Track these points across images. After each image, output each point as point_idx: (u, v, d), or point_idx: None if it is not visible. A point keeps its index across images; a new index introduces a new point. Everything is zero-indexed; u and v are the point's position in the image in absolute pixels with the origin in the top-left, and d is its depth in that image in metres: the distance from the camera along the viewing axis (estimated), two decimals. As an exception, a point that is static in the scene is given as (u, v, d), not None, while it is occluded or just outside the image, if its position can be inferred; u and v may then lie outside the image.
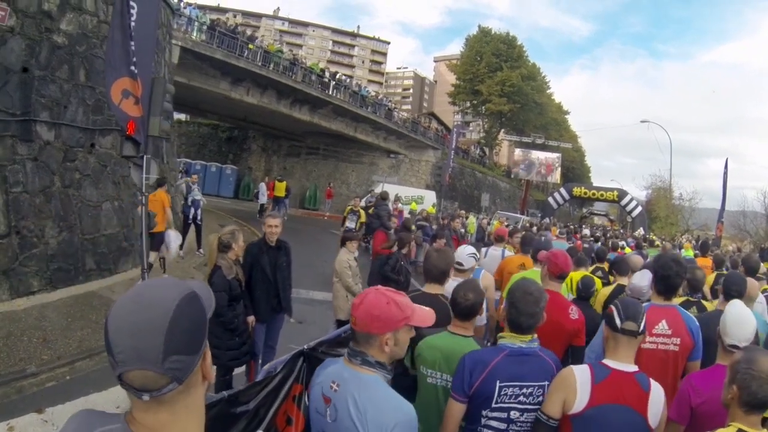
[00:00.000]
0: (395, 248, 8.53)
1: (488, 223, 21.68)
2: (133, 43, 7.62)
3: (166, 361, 1.14)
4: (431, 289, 4.30)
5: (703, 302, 5.29)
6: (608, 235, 23.13)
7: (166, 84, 9.31)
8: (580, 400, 2.69)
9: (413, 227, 13.14)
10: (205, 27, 23.47)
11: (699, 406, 2.99)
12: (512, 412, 2.91)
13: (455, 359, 3.11)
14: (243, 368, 6.20)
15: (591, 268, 8.29)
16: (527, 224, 24.94)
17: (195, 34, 23.00)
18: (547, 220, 36.27)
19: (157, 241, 11.51)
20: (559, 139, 62.18)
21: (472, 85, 59.09)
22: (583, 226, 32.22)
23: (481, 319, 4.35)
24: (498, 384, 2.88)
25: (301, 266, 14.07)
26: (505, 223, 23.54)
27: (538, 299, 3.05)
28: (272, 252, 6.63)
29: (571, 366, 2.88)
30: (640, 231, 31.74)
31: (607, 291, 6.15)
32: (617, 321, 2.81)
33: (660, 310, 3.82)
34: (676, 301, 4.22)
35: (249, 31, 33.57)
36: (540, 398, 2.92)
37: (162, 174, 14.02)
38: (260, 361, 6.37)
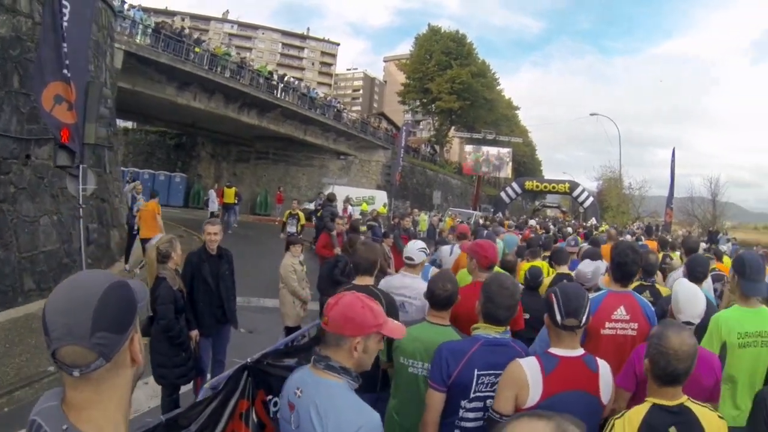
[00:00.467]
0: (338, 250, 8.45)
1: (439, 221, 21.58)
2: (65, 44, 7.46)
3: (93, 337, 1.23)
4: (362, 281, 4.40)
5: (657, 286, 5.56)
6: (557, 226, 23.37)
7: (102, 88, 8.90)
8: (534, 394, 2.67)
9: (363, 228, 13.01)
10: (149, 30, 22.87)
11: (643, 373, 2.96)
12: (488, 401, 2.93)
13: (435, 348, 3.18)
14: (190, 385, 5.87)
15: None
16: (480, 219, 25.02)
17: (139, 37, 22.34)
18: (499, 214, 36.50)
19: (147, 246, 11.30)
20: (510, 134, 62.60)
21: (421, 84, 59.15)
22: (531, 218, 32.54)
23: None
24: (476, 372, 2.95)
25: (251, 273, 13.86)
26: (458, 219, 23.61)
27: (513, 292, 3.19)
28: (213, 261, 6.32)
29: (517, 359, 2.83)
30: (593, 221, 32.12)
31: (547, 281, 6.22)
32: (558, 318, 2.80)
33: (618, 297, 3.88)
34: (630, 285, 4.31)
35: (196, 35, 32.91)
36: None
37: (101, 185, 13.57)
38: (208, 378, 6.00)
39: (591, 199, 46.21)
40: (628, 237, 16.44)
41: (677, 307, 3.41)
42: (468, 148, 55.70)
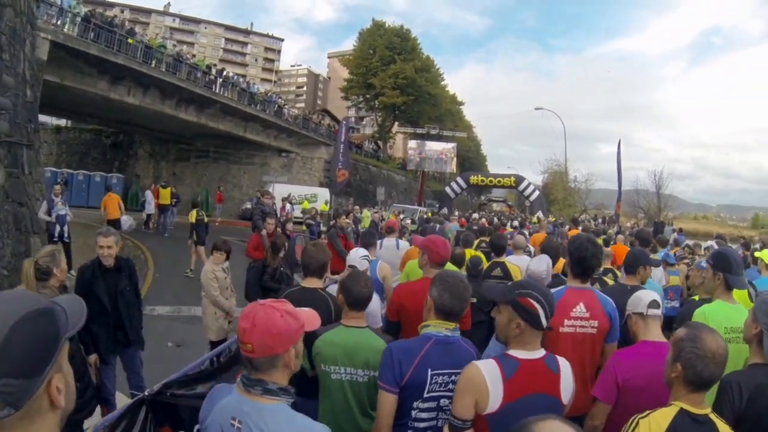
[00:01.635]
0: (269, 253, 8.00)
1: (381, 218, 20.90)
2: None
3: None
4: (310, 283, 4.26)
5: (605, 279, 5.82)
6: (500, 218, 24.44)
7: (2, 76, 7.94)
8: (494, 399, 2.52)
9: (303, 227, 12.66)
10: (78, 19, 21.31)
11: (625, 381, 2.99)
12: (442, 400, 2.87)
13: (356, 352, 3.19)
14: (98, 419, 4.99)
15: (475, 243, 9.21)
16: (424, 215, 24.85)
17: (68, 26, 20.81)
18: (444, 209, 36.40)
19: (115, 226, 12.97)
20: (455, 129, 62.78)
21: (365, 79, 58.79)
22: (477, 213, 32.77)
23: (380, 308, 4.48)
24: (430, 372, 2.83)
25: (184, 280, 13.31)
26: (401, 216, 23.35)
27: (467, 286, 3.06)
28: (110, 276, 5.51)
29: (475, 363, 2.67)
30: (539, 214, 32.35)
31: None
32: (544, 322, 2.62)
33: (577, 293, 3.79)
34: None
35: (136, 28, 31.53)
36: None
37: (19, 187, 12.56)
38: (118, 406, 5.37)
39: (537, 192, 46.68)
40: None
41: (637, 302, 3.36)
42: (412, 143, 55.53)
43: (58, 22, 20.44)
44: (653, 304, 3.39)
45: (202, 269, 7.37)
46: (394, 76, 56.11)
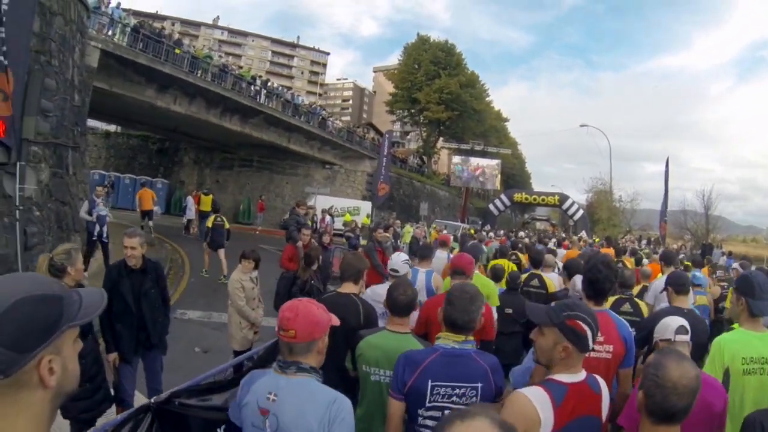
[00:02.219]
0: (301, 265, 7.88)
1: (424, 235, 19.96)
2: (2, 28, 6.80)
3: None
4: (346, 288, 4.56)
5: (636, 300, 5.80)
6: (541, 237, 24.15)
7: (44, 79, 8.22)
8: (545, 428, 2.45)
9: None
10: (128, 29, 21.90)
11: None
12: (446, 412, 2.84)
13: (395, 356, 3.19)
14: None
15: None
16: (467, 231, 24.52)
17: (117, 36, 21.42)
18: (488, 227, 35.93)
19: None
20: (499, 146, 62.23)
21: (409, 94, 58.50)
22: (521, 231, 32.34)
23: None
24: (430, 383, 2.92)
25: (219, 286, 13.16)
26: (444, 232, 23.05)
27: (473, 298, 3.13)
28: (135, 277, 5.52)
29: (522, 392, 2.58)
30: (583, 234, 31.70)
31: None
32: (590, 344, 2.64)
33: None
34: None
35: (186, 40, 32.06)
36: (473, 399, 2.92)
37: (62, 187, 12.92)
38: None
39: (581, 212, 45.87)
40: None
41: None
42: (456, 159, 55.10)
43: (109, 32, 20.94)
44: (681, 330, 3.35)
45: (230, 278, 7.20)
46: (438, 91, 55.70)
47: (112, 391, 5.25)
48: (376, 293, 5.19)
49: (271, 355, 4.16)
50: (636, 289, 6.80)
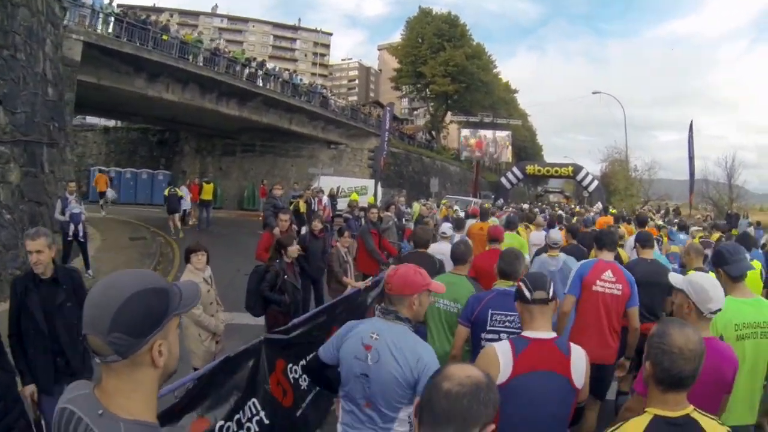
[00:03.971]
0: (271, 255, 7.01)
1: (433, 212, 18.61)
2: None
3: (110, 335, 1.39)
4: (421, 250, 6.68)
5: (619, 250, 7.45)
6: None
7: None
8: (504, 372, 2.88)
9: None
10: (111, 18, 21.25)
11: None
12: (502, 334, 3.88)
13: (454, 289, 4.74)
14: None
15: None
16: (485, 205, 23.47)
17: (100, 26, 20.82)
18: (501, 201, 34.81)
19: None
20: (509, 118, 60.74)
21: (414, 68, 57.27)
22: (533, 204, 31.28)
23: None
24: (490, 312, 4.04)
25: (221, 284, 12.31)
26: (455, 208, 21.95)
27: (518, 257, 4.42)
28: (45, 289, 4.47)
29: (492, 344, 3.11)
30: (599, 205, 30.47)
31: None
32: (527, 294, 3.06)
33: (605, 263, 5.08)
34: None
35: (184, 30, 31.02)
36: (519, 324, 3.40)
37: (37, 186, 12.30)
38: None
39: (596, 182, 44.49)
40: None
41: (706, 297, 3.13)
42: (465, 132, 53.78)
43: (91, 23, 20.37)
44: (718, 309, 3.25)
45: (180, 281, 5.97)
46: (444, 64, 54.44)
47: None
48: (435, 250, 7.30)
49: (218, 377, 4.07)
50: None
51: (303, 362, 5.16)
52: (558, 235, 7.39)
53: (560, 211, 22.31)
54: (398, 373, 2.92)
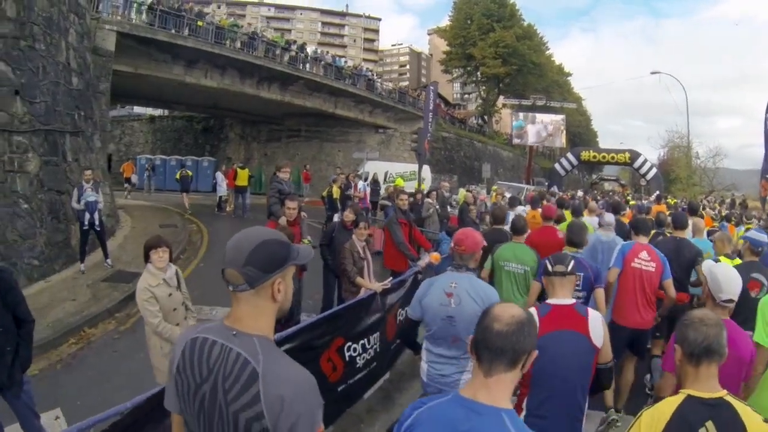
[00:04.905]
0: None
1: (474, 199, 16.96)
2: None
3: (244, 268, 1.80)
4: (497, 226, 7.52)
5: (666, 232, 7.88)
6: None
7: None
8: None
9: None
10: (144, 8, 21.10)
11: None
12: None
13: (517, 255, 5.95)
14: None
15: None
16: (533, 193, 22.04)
17: (134, 16, 20.81)
18: (554, 188, 33.19)
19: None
20: (562, 101, 58.66)
21: (463, 50, 56.08)
22: (587, 192, 29.55)
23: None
24: None
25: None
26: (507, 194, 20.61)
27: (582, 228, 5.66)
28: None
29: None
30: (656, 194, 28.51)
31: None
32: (549, 267, 3.65)
33: (641, 245, 5.89)
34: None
35: (231, 19, 30.52)
36: (579, 283, 5.03)
37: (58, 175, 12.21)
38: None
39: (654, 170, 42.03)
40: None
41: (717, 287, 3.56)
42: (518, 115, 51.92)
43: (125, 14, 20.58)
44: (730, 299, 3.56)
45: (137, 286, 5.07)
46: (494, 45, 53.12)
47: None
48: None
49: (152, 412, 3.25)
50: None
51: (364, 341, 5.79)
52: (611, 218, 7.83)
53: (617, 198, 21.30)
54: (477, 310, 3.51)
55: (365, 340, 5.82)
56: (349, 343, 5.53)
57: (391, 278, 6.99)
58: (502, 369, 1.89)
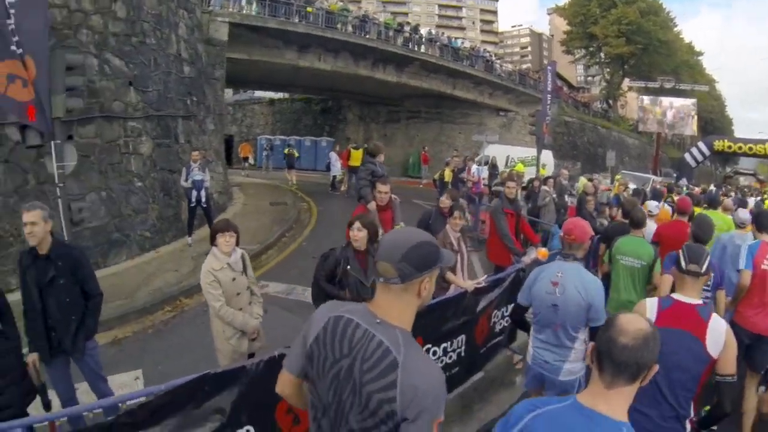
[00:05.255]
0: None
1: (595, 190, 13.86)
2: (11, 21, 6.96)
3: (399, 263, 1.96)
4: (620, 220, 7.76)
5: None
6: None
7: (66, 56, 8.09)
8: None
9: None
10: None
11: None
12: None
13: (635, 249, 5.78)
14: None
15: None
16: (658, 186, 20.09)
17: (245, 6, 22.05)
18: (684, 180, 30.55)
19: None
20: (693, 83, 54.42)
21: (584, 28, 54.13)
22: (720, 187, 26.86)
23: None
24: None
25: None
26: (631, 185, 19.18)
27: (710, 225, 5.48)
28: (41, 265, 4.51)
29: (647, 299, 3.59)
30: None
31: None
32: (683, 263, 3.42)
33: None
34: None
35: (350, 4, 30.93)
36: (708, 283, 5.09)
37: (171, 156, 13.54)
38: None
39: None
40: None
41: None
42: (645, 99, 48.89)
43: (236, 5, 21.91)
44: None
45: (202, 268, 5.06)
46: (616, 23, 50.81)
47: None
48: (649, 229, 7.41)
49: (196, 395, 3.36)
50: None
51: (446, 344, 5.47)
52: (746, 214, 7.47)
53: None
54: (580, 300, 3.91)
55: (447, 343, 5.44)
56: (429, 345, 5.16)
57: (486, 276, 6.83)
58: (623, 382, 1.93)
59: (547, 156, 27.07)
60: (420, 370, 1.94)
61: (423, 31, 32.03)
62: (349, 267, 5.09)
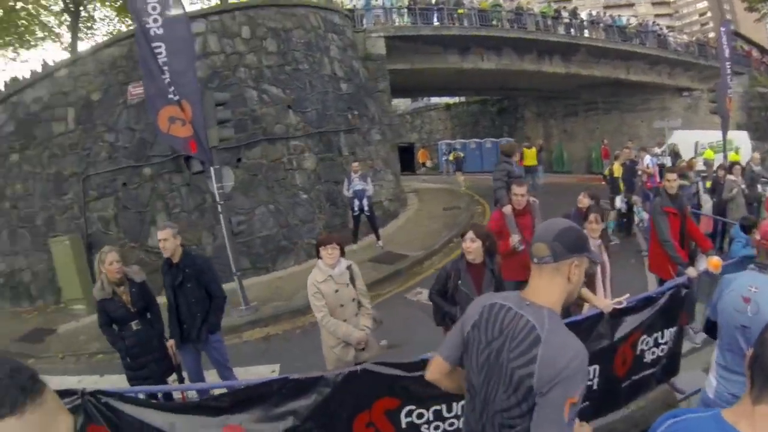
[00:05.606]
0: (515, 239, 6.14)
1: None
2: (166, 76, 8.96)
3: (552, 242, 2.17)
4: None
5: None
6: None
7: (214, 95, 10.12)
8: None
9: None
10: (404, 10, 22.89)
11: None
12: None
13: None
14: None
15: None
16: None
17: (397, 19, 22.70)
18: None
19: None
20: None
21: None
22: None
23: None
24: None
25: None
26: None
27: None
28: (174, 271, 5.82)
29: None
30: None
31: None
32: None
33: None
34: None
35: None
36: None
37: (334, 168, 14.79)
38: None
39: None
40: None
41: None
42: None
43: (387, 19, 22.49)
44: None
45: (308, 280, 5.23)
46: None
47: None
48: None
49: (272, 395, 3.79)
50: None
51: (659, 335, 4.85)
52: None
53: None
54: None
55: (658, 333, 4.79)
56: (644, 337, 4.68)
57: (627, 295, 4.70)
58: None
59: (741, 137, 22.79)
60: (561, 344, 2.04)
61: (583, 14, 30.71)
62: (460, 282, 4.89)
